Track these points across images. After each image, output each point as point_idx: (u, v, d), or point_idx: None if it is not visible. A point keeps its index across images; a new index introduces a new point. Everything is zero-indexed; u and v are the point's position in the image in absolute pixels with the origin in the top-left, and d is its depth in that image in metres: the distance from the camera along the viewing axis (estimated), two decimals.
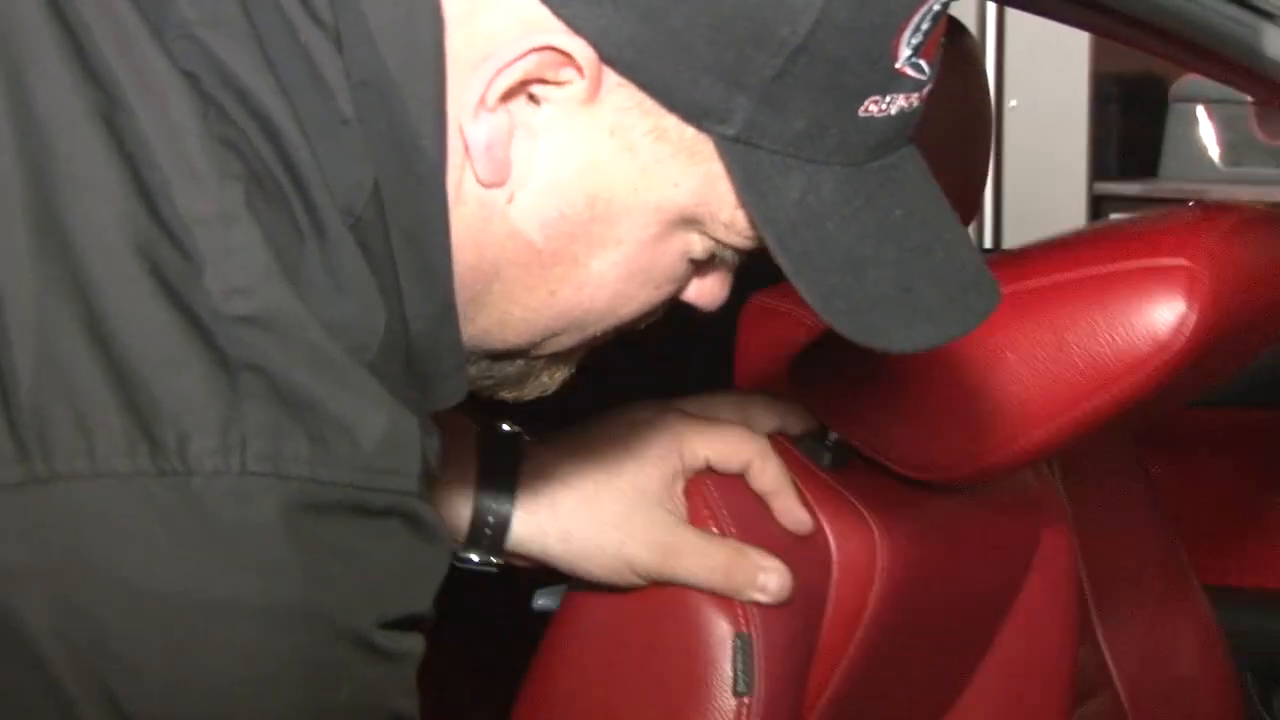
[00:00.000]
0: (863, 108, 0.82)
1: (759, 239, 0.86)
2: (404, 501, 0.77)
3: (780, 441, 1.19)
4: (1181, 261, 1.02)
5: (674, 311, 0.95)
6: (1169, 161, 5.03)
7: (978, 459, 1.13)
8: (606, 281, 0.88)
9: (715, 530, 1.13)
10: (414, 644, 0.79)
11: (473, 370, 0.94)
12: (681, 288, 0.93)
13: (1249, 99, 4.55)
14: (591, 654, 1.18)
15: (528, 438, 1.15)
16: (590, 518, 1.12)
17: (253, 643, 0.73)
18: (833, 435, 1.20)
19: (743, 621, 1.11)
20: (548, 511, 1.12)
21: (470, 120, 0.82)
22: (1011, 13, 4.41)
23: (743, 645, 1.11)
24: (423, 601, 0.79)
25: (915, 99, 0.85)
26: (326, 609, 0.74)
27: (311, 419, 0.74)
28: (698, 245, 0.89)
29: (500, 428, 1.15)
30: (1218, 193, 4.89)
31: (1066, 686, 1.45)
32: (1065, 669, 1.44)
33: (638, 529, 1.12)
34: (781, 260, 0.85)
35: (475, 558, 1.13)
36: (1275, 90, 1.38)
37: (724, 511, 1.13)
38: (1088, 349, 1.05)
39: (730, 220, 0.86)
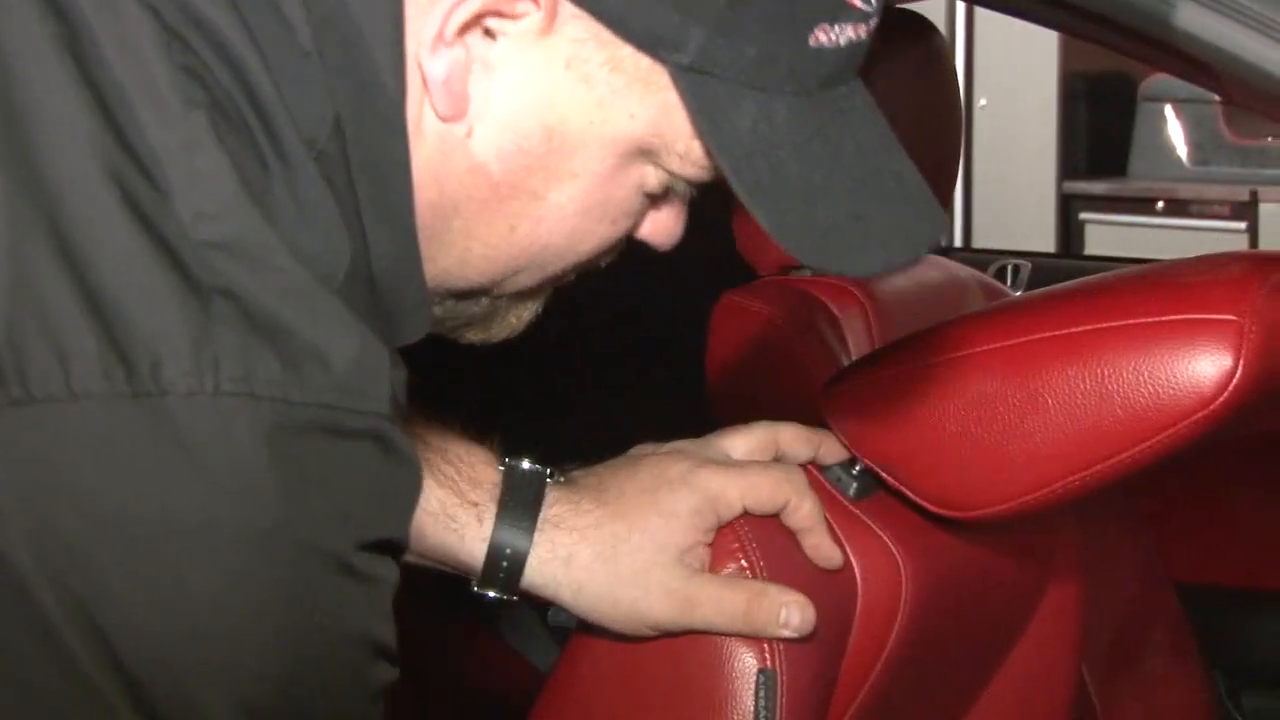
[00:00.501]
0: (813, 36, 0.85)
1: (714, 169, 0.88)
2: (376, 424, 0.77)
3: (806, 468, 1.19)
4: (1231, 317, 1.02)
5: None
6: (1137, 160, 5.07)
7: (1007, 501, 1.12)
8: (565, 215, 0.90)
9: (744, 564, 1.12)
10: (390, 570, 0.79)
11: (438, 311, 0.95)
12: (637, 223, 0.95)
13: (1216, 98, 4.59)
14: (609, 681, 1.17)
15: (550, 479, 1.13)
16: (605, 573, 1.10)
17: (231, 566, 0.73)
18: (860, 464, 1.19)
19: (768, 658, 1.10)
20: (562, 563, 1.10)
21: (429, 55, 0.84)
22: (981, 12, 4.42)
23: (766, 681, 1.10)
24: (398, 525, 0.80)
25: (863, 30, 0.88)
26: (303, 530, 0.75)
27: (283, 342, 0.75)
28: (652, 178, 0.90)
29: (524, 466, 1.13)
30: (1186, 192, 4.93)
31: (1066, 715, 1.45)
32: (1064, 695, 1.45)
33: (654, 585, 1.10)
34: (736, 188, 0.86)
35: (492, 594, 1.12)
36: (1237, 85, 1.38)
37: (753, 545, 1.12)
38: (1129, 400, 1.05)
39: (685, 151, 0.88)
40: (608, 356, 2.74)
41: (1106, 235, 4.81)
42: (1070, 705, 1.46)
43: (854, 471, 1.19)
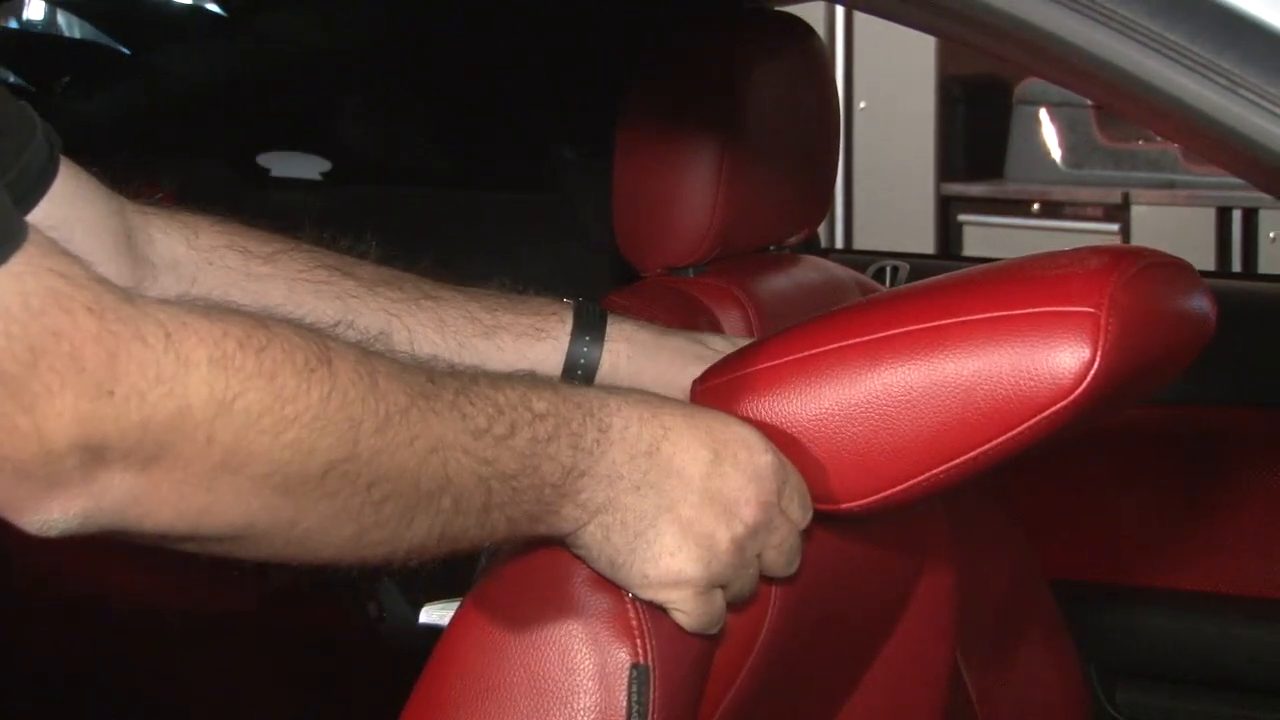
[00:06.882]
0: None
1: None
2: None
3: None
4: (1089, 309, 1.04)
5: None
6: (1013, 163, 5.14)
7: (874, 493, 1.14)
8: None
9: None
10: None
11: None
12: None
13: (1089, 101, 4.66)
14: (479, 677, 1.16)
15: None
16: None
17: None
18: None
19: (640, 653, 1.10)
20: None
21: None
22: (860, 16, 4.46)
23: (639, 676, 1.10)
24: None
25: None
26: None
27: None
28: None
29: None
30: (1060, 194, 5.00)
31: (941, 701, 1.47)
32: (941, 683, 1.47)
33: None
34: None
35: None
36: (1109, 91, 1.40)
37: None
38: (991, 392, 1.06)
39: None
40: None
41: (984, 236, 4.88)
42: (945, 692, 1.48)
43: None
